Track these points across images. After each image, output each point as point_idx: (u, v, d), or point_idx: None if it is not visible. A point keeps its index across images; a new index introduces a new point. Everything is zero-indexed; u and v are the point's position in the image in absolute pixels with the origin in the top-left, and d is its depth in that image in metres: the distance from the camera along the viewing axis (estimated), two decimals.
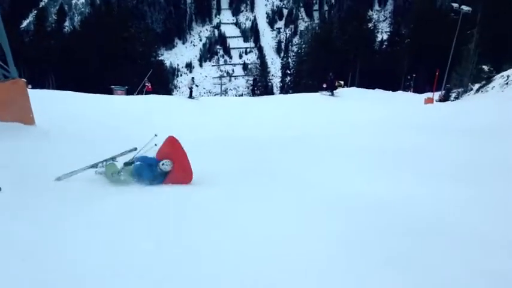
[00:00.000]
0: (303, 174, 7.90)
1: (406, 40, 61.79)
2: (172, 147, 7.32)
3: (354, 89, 33.76)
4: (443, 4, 69.91)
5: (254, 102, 27.08)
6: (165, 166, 7.23)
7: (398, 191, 6.36)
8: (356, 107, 22.73)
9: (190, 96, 27.98)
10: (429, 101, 27.58)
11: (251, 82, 78.92)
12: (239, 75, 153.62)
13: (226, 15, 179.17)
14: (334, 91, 30.76)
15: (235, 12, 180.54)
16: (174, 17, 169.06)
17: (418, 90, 50.62)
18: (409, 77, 61.07)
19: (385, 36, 76.10)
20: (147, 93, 32.63)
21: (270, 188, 7.02)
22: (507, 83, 20.73)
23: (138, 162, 7.41)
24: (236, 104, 26.13)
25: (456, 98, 26.67)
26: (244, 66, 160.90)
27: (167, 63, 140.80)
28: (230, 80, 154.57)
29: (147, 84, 34.35)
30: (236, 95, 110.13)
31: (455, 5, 31.52)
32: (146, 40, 63.64)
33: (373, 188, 6.60)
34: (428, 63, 61.11)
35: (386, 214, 5.23)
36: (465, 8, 29.03)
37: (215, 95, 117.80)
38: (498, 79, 22.93)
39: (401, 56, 62.27)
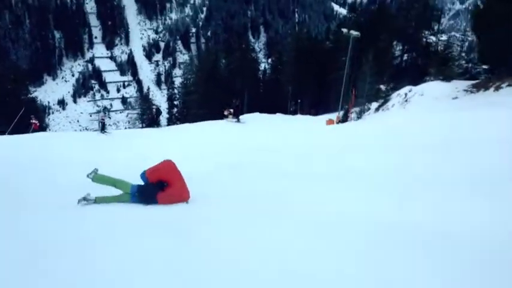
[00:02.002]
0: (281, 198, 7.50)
1: (289, 67, 65.28)
2: (169, 171, 6.90)
3: (257, 114, 34.51)
4: (318, 34, 75.63)
5: (169, 133, 25.96)
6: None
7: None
8: (271, 131, 23.23)
9: (103, 130, 26.01)
10: (330, 122, 29.14)
11: (132, 116, 76.73)
12: (118, 110, 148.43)
13: (99, 49, 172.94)
14: (239, 117, 31.24)
15: (110, 46, 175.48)
16: (41, 53, 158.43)
17: (303, 113, 53.53)
18: (293, 102, 64.69)
19: (266, 65, 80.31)
20: (34, 131, 29.63)
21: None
22: (406, 100, 22.94)
23: (135, 184, 6.86)
24: (151, 135, 24.75)
25: (358, 117, 28.47)
26: (123, 100, 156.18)
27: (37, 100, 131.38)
28: (109, 115, 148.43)
29: (33, 121, 31.26)
30: (126, 128, 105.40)
31: (345, 30, 34.09)
32: (16, 77, 58.44)
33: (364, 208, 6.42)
34: (310, 88, 65.73)
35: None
36: (354, 32, 31.58)
37: (125, 128, 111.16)
38: (395, 97, 25.23)
39: (284, 83, 65.70)
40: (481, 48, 21.03)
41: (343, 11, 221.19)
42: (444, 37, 71.18)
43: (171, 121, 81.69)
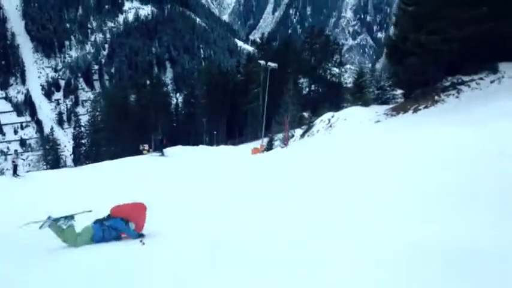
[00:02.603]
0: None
1: (202, 100, 65.74)
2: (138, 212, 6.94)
3: (179, 147, 33.88)
4: (224, 68, 77.37)
5: (95, 173, 24.19)
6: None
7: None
8: (200, 163, 22.88)
9: (15, 174, 23.59)
10: (256, 151, 29.31)
11: (32, 158, 72.46)
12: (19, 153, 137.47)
13: None
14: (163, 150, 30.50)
15: (4, 86, 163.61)
16: None
17: (219, 144, 53.68)
18: (208, 134, 65.06)
19: (177, 100, 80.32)
20: None
21: None
22: (330, 126, 24.14)
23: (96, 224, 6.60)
24: (72, 177, 22.94)
25: (285, 144, 28.87)
26: (22, 142, 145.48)
27: None
28: (6, 159, 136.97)
29: None
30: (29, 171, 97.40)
31: (262, 62, 35.28)
32: None
33: None
34: (224, 120, 66.68)
35: None
36: (272, 64, 32.73)
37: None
38: (319, 123, 26.42)
39: (199, 115, 65.99)
40: (396, 75, 23.01)
41: (247, 47, 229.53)
42: (345, 68, 76.89)
43: (78, 161, 77.71)
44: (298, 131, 30.42)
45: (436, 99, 19.10)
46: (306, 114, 34.30)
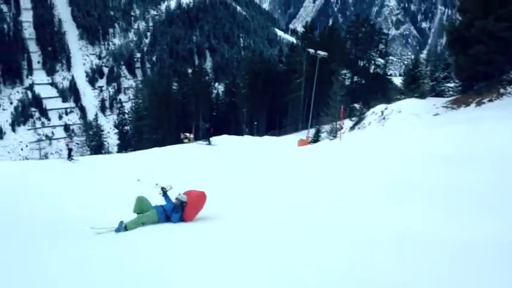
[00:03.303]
0: None
1: (243, 90, 65.37)
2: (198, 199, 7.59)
3: (225, 136, 33.64)
4: (271, 57, 76.60)
5: (145, 159, 24.14)
6: (181, 196, 7.50)
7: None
8: (253, 154, 22.43)
9: (70, 158, 24.00)
10: (303, 143, 28.67)
11: (76, 144, 73.90)
12: (61, 138, 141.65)
13: (39, 76, 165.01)
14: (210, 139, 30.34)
15: (50, 72, 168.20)
16: None
17: (260, 135, 53.28)
18: (249, 123, 64.75)
19: (216, 89, 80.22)
20: None
21: None
22: (384, 118, 23.20)
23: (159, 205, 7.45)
24: (127, 162, 23.02)
25: (334, 136, 27.96)
26: (66, 127, 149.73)
27: None
28: (50, 144, 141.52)
29: None
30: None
31: (311, 50, 34.44)
32: None
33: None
34: (265, 110, 66.18)
35: None
36: (321, 53, 31.90)
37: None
38: (370, 115, 25.49)
39: (240, 105, 65.79)
40: (457, 65, 21.76)
41: (286, 36, 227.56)
42: (390, 59, 74.59)
43: (122, 148, 79.32)
44: (348, 123, 29.43)
45: (502, 92, 17.91)
46: (357, 106, 33.11)
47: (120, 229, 6.54)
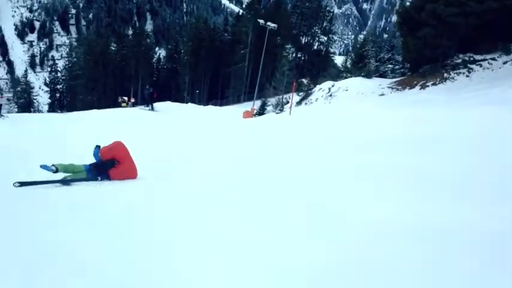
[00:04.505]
0: None
1: (185, 57, 63.69)
2: (120, 150, 7.47)
3: (168, 103, 32.52)
4: (215, 25, 74.89)
5: (76, 120, 22.60)
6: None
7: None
8: (197, 121, 21.91)
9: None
10: (248, 114, 28.29)
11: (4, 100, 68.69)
12: None
13: None
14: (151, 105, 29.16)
15: None
16: None
17: (200, 104, 52.50)
18: (191, 92, 63.46)
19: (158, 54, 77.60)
20: None
21: None
22: (331, 95, 23.36)
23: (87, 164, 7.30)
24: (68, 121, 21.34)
25: (281, 110, 27.77)
26: None
27: None
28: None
29: None
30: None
31: (261, 21, 33.82)
32: None
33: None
34: (207, 79, 65.15)
35: None
36: (271, 24, 31.40)
37: None
38: (317, 91, 25.58)
39: (181, 71, 64.22)
40: (406, 47, 22.20)
41: (231, 6, 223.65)
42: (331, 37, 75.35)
43: (52, 107, 74.98)
44: (295, 98, 29.42)
45: (446, 77, 18.57)
46: (305, 81, 33.11)
47: (48, 168, 6.50)
